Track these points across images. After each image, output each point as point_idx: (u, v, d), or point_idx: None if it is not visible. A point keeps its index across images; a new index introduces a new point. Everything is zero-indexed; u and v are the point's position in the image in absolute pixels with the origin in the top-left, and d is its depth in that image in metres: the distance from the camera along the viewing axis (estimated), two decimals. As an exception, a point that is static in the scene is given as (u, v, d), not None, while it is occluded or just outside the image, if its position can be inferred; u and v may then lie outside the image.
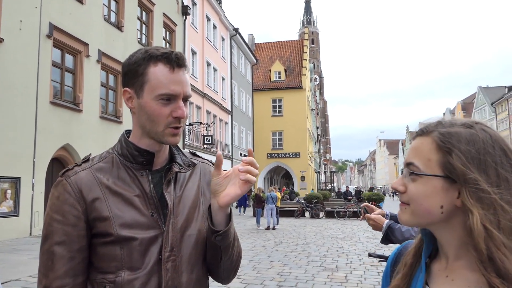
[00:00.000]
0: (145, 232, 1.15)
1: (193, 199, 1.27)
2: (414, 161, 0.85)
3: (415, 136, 0.90)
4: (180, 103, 1.18)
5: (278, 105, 42.93)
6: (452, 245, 0.84)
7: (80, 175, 1.17)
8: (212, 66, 29.03)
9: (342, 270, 8.16)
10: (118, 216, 1.14)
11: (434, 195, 0.81)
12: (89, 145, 14.64)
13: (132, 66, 1.19)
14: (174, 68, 1.17)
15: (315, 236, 13.85)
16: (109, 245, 1.13)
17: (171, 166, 1.26)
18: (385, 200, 24.62)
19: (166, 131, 1.18)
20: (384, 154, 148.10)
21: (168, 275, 1.15)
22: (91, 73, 14.97)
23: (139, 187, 1.19)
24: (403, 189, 0.87)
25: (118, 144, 1.27)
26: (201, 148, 25.93)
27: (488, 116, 58.73)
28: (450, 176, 0.80)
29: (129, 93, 1.21)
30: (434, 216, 0.82)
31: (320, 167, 64.47)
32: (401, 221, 0.89)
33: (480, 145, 0.80)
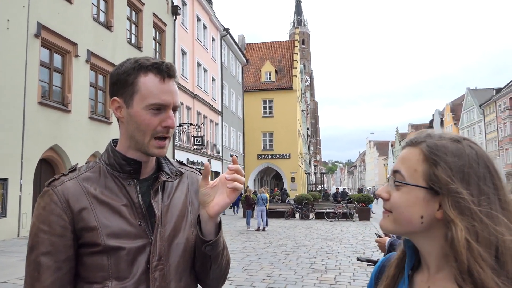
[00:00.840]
0: (133, 242, 1.15)
1: (180, 208, 1.28)
2: (401, 169, 0.87)
3: (404, 146, 0.92)
4: (170, 113, 1.19)
5: (269, 106, 42.97)
6: (433, 255, 0.86)
7: (66, 185, 1.16)
8: (202, 66, 28.97)
9: (331, 271, 8.20)
10: (105, 225, 1.13)
11: (415, 205, 0.83)
12: (78, 146, 14.52)
13: (122, 75, 1.19)
14: (164, 78, 1.18)
15: (304, 238, 13.89)
16: (96, 255, 1.13)
17: (159, 175, 1.26)
18: (374, 201, 24.74)
19: (151, 143, 1.18)
20: (374, 155, 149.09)
21: (156, 284, 1.15)
22: (80, 73, 14.85)
23: (126, 197, 1.19)
24: (387, 196, 0.89)
25: (105, 154, 1.26)
26: (191, 149, 25.86)
27: (477, 118, 59.44)
28: (433, 188, 0.82)
29: (118, 102, 1.21)
30: (414, 226, 0.84)
31: (311, 168, 64.67)
32: (382, 228, 0.91)
33: (465, 160, 0.82)
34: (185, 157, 24.86)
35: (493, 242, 0.76)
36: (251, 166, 41.95)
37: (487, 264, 0.75)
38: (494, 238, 0.76)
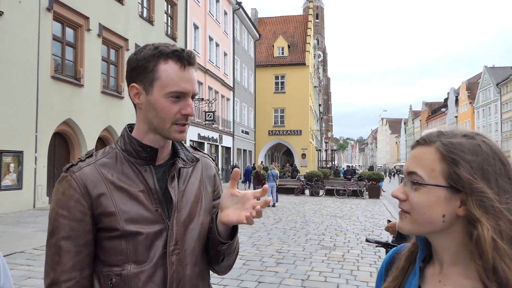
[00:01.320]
0: (150, 227, 1.18)
1: (195, 194, 1.30)
2: (417, 170, 0.86)
3: (416, 145, 0.91)
4: (189, 101, 1.20)
5: (281, 82, 42.60)
6: (449, 252, 0.87)
7: (84, 170, 1.18)
8: (214, 41, 28.71)
9: (340, 248, 8.29)
10: (123, 211, 1.16)
11: (437, 205, 0.83)
12: (91, 120, 14.67)
13: (141, 62, 1.19)
14: (185, 66, 1.18)
15: (314, 214, 14.01)
16: (115, 239, 1.16)
17: (175, 161, 1.28)
18: (384, 180, 24.69)
19: (172, 127, 1.19)
20: (386, 133, 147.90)
21: (173, 268, 1.19)
22: (92, 47, 14.85)
23: (143, 183, 1.21)
24: (404, 197, 0.88)
25: (121, 139, 1.27)
26: (203, 124, 25.94)
27: (493, 97, 58.29)
28: (455, 186, 0.82)
29: (136, 89, 1.21)
30: (436, 225, 0.84)
31: (322, 145, 64.55)
32: (401, 230, 0.91)
33: (483, 157, 0.82)
34: (197, 132, 24.97)
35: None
36: (262, 142, 42.00)
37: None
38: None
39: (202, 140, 25.91)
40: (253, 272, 6.29)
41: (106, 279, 1.17)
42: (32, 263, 6.34)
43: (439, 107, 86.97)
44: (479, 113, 63.47)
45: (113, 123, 15.86)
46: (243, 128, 36.62)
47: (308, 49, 43.87)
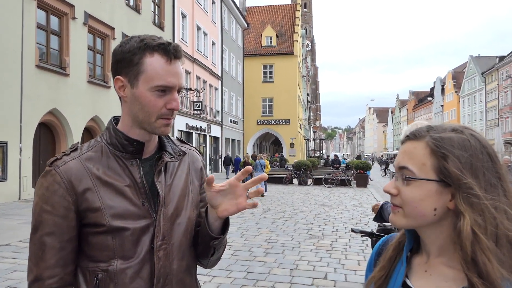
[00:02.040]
0: (137, 222, 1.17)
1: (182, 188, 1.29)
2: (408, 165, 0.87)
3: (406, 140, 0.92)
4: (175, 95, 1.17)
5: (269, 71, 42.51)
6: (436, 244, 0.88)
7: (69, 165, 1.16)
8: (202, 30, 28.44)
9: (328, 237, 8.37)
10: (109, 206, 1.14)
11: (428, 199, 0.84)
12: (77, 110, 14.48)
13: (127, 54, 1.16)
14: (171, 59, 1.16)
15: (302, 204, 14.10)
16: (101, 235, 1.15)
17: (162, 155, 1.26)
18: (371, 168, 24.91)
19: (158, 122, 1.18)
20: (374, 122, 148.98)
21: (160, 263, 1.18)
22: (77, 36, 14.59)
23: (129, 177, 1.19)
24: (395, 192, 0.89)
25: (106, 132, 1.25)
26: (191, 114, 25.79)
27: (478, 86, 58.96)
28: (445, 180, 0.83)
29: (121, 81, 1.19)
30: (427, 219, 0.85)
31: (310, 134, 64.77)
32: (394, 224, 0.92)
33: (471, 151, 0.83)
34: (185, 122, 24.84)
35: (501, 234, 0.78)
36: (250, 131, 41.99)
37: (494, 255, 0.77)
38: (502, 231, 0.79)
39: (190, 130, 25.79)
40: (242, 263, 6.32)
41: (92, 275, 1.15)
42: (18, 256, 6.28)
43: (425, 96, 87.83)
44: (464, 102, 64.21)
45: (100, 113, 15.67)
46: (231, 117, 36.52)
47: (296, 38, 43.77)
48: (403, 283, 0.92)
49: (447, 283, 0.85)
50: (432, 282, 0.88)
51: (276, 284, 5.31)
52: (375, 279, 0.97)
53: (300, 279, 5.56)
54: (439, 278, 0.87)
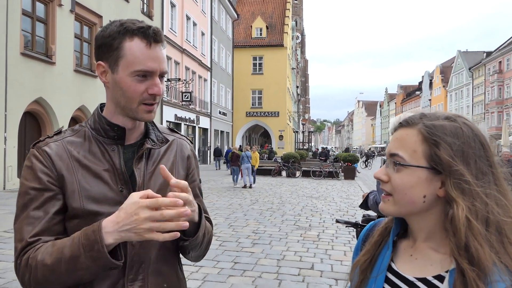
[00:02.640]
0: (113, 208, 1.13)
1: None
2: (399, 152, 0.87)
3: (398, 127, 0.91)
4: (156, 80, 1.15)
5: (259, 63, 42.38)
6: (424, 230, 0.88)
7: (51, 146, 1.16)
8: (191, 20, 28.18)
9: (315, 229, 8.43)
10: (85, 189, 1.13)
11: (419, 186, 0.84)
12: (63, 99, 14.28)
13: (106, 39, 1.15)
14: (151, 43, 1.14)
15: (290, 195, 14.16)
16: (75, 218, 1.13)
17: (144, 142, 1.25)
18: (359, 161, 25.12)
19: (140, 107, 1.16)
20: (362, 115, 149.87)
21: (133, 251, 1.15)
22: (64, 23, 14.34)
23: (109, 162, 1.18)
24: (386, 179, 0.89)
25: (92, 118, 1.25)
26: (180, 105, 25.63)
27: (465, 81, 59.57)
28: (436, 168, 0.83)
29: (103, 67, 1.18)
30: (416, 206, 0.85)
31: (299, 126, 64.92)
32: (384, 212, 0.92)
33: (464, 139, 0.83)
34: (173, 113, 24.69)
35: (492, 220, 0.79)
36: (239, 123, 41.93)
37: (485, 241, 0.78)
38: (493, 217, 0.79)
39: (178, 121, 25.65)
40: (229, 253, 6.33)
41: None
42: (3, 246, 6.20)
43: (413, 90, 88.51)
44: (451, 96, 64.87)
45: (87, 103, 15.48)
46: (220, 109, 36.40)
47: (287, 30, 43.64)
48: (389, 266, 0.93)
49: (432, 266, 0.86)
50: (417, 266, 0.88)
51: (263, 274, 5.33)
52: (360, 263, 0.97)
53: (287, 269, 5.59)
54: (425, 262, 0.87)
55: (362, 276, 0.96)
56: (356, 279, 0.97)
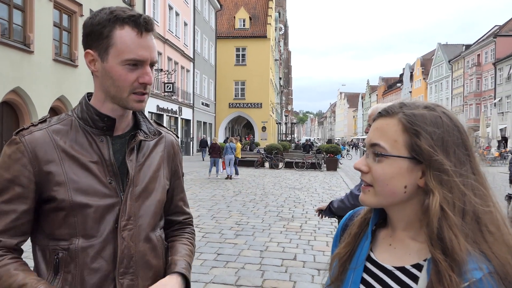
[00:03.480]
0: (101, 200, 1.13)
1: (154, 169, 1.26)
2: (380, 142, 0.86)
3: (378, 117, 0.90)
4: (147, 68, 1.14)
5: (242, 54, 42.16)
6: (403, 220, 0.88)
7: (35, 135, 1.12)
8: (174, 10, 27.81)
9: (298, 220, 8.50)
10: (73, 181, 1.11)
11: (400, 176, 0.84)
12: (42, 89, 13.96)
13: (96, 27, 1.12)
14: (142, 32, 1.12)
15: (273, 187, 14.22)
16: (62, 211, 1.11)
17: (136, 133, 1.23)
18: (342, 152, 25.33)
19: (130, 97, 1.15)
20: (344, 107, 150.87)
21: (124, 243, 1.14)
22: (42, 11, 13.96)
23: (97, 153, 1.16)
24: (366, 169, 0.88)
25: (79, 107, 1.22)
26: (162, 96, 25.37)
27: (445, 73, 60.44)
28: (416, 157, 0.82)
29: (91, 55, 1.15)
30: (397, 196, 0.85)
31: (282, 118, 65.04)
32: (364, 203, 0.91)
33: (443, 128, 0.83)
34: (155, 104, 24.42)
35: (470, 210, 0.79)
36: (222, 114, 41.76)
37: (461, 232, 0.78)
38: (471, 207, 0.79)
39: (161, 112, 25.39)
40: (212, 245, 6.34)
41: (52, 254, 1.12)
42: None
43: (394, 82, 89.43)
44: (431, 88, 65.79)
45: (66, 93, 15.16)
46: (203, 100, 36.17)
47: (270, 21, 43.46)
48: (368, 256, 0.93)
49: (410, 255, 0.86)
50: (396, 255, 0.88)
51: (246, 266, 5.36)
52: (340, 255, 0.97)
53: (269, 260, 5.63)
54: (403, 251, 0.87)
55: (341, 268, 0.96)
56: (336, 271, 0.97)
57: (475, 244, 0.78)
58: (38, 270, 1.14)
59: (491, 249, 0.77)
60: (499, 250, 0.77)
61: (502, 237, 0.79)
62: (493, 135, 31.47)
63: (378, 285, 0.88)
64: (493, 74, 46.37)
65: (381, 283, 0.87)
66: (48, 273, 1.12)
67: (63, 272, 1.11)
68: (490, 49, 47.53)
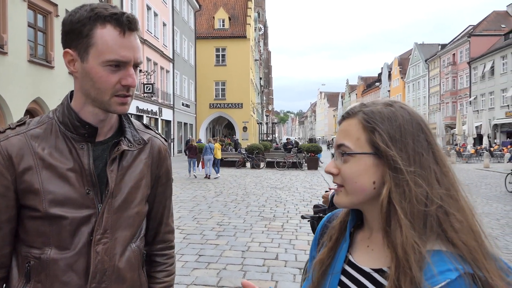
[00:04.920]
0: (77, 211, 1.08)
1: (136, 179, 1.20)
2: (345, 142, 0.88)
3: (342, 120, 0.92)
4: (130, 70, 1.08)
5: (222, 54, 42.07)
6: (377, 219, 0.89)
7: (11, 140, 1.07)
8: (152, 10, 27.54)
9: (279, 219, 8.52)
10: (49, 191, 1.06)
11: (366, 172, 0.85)
12: (17, 91, 13.63)
13: (75, 24, 1.05)
14: (125, 31, 1.06)
15: (255, 186, 14.23)
16: (36, 220, 1.07)
17: (119, 142, 1.16)
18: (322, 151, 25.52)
19: (113, 99, 1.08)
20: (325, 106, 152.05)
21: (97, 258, 1.10)
22: (16, 11, 13.64)
23: (76, 161, 1.10)
24: (336, 171, 0.89)
25: (60, 108, 1.15)
26: (141, 97, 25.10)
27: (422, 72, 61.55)
28: (377, 153, 0.84)
29: (71, 55, 1.08)
30: (368, 193, 0.86)
31: (263, 118, 65.14)
32: (338, 205, 0.92)
33: (399, 122, 0.84)
34: (135, 105, 24.15)
35: (433, 201, 0.80)
36: (203, 115, 41.57)
37: (408, 225, 0.79)
38: (435, 197, 0.80)
39: (140, 113, 25.11)
40: (193, 246, 6.31)
41: (24, 260, 1.08)
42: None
43: (373, 82, 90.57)
44: (409, 87, 66.91)
45: (42, 95, 14.85)
46: (183, 101, 35.93)
47: (249, 21, 43.48)
48: (347, 259, 0.93)
49: (387, 257, 0.86)
50: (374, 257, 0.89)
51: (227, 266, 5.35)
52: (322, 260, 0.97)
53: (251, 260, 5.64)
54: (380, 253, 0.88)
55: (322, 272, 0.96)
56: (316, 275, 0.97)
57: (441, 235, 0.79)
58: (11, 274, 1.11)
59: (458, 236, 0.78)
60: (465, 236, 0.79)
61: (468, 224, 0.80)
62: (469, 133, 32.18)
63: (355, 287, 0.88)
64: (468, 73, 47.47)
65: (359, 285, 0.88)
66: (19, 280, 1.09)
67: (34, 281, 1.07)
68: (464, 49, 48.62)
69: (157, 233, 1.34)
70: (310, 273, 1.00)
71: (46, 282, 1.06)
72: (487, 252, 0.79)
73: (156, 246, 1.35)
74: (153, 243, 1.34)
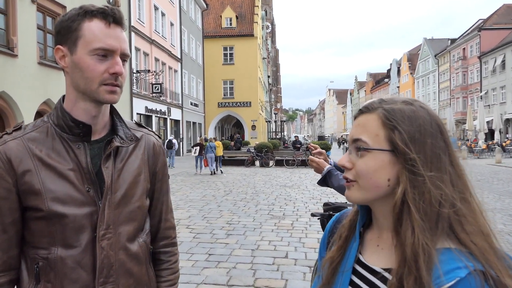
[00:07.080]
0: (79, 209, 1.11)
1: (134, 174, 1.23)
2: (362, 137, 0.87)
3: (359, 114, 0.92)
4: (117, 59, 1.12)
5: (229, 53, 42.10)
6: (388, 217, 0.88)
7: (9, 144, 1.09)
8: (160, 10, 27.65)
9: (289, 217, 8.51)
10: (50, 190, 1.08)
11: (382, 169, 0.84)
12: (27, 93, 13.79)
13: (65, 23, 1.12)
14: (110, 23, 1.11)
15: (264, 185, 14.22)
16: (40, 220, 1.09)
17: (112, 139, 1.20)
18: (332, 148, 25.43)
19: (101, 88, 1.11)
20: (333, 103, 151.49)
21: (103, 253, 1.12)
22: (25, 14, 13.78)
23: (74, 160, 1.13)
24: (350, 165, 0.89)
25: (54, 112, 1.19)
26: (150, 97, 25.22)
27: (431, 67, 60.99)
28: (395, 151, 0.84)
29: (62, 51, 1.13)
30: (381, 190, 0.85)
31: (271, 116, 65.08)
32: (349, 199, 0.91)
33: (419, 122, 0.84)
34: (144, 105, 24.27)
35: (446, 203, 0.79)
36: (211, 114, 41.67)
37: (421, 226, 0.78)
38: (448, 199, 0.80)
39: (149, 113, 25.24)
40: (203, 245, 6.32)
41: (32, 262, 1.10)
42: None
43: (382, 78, 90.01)
44: (419, 83, 66.35)
45: (52, 96, 14.99)
46: (192, 100, 36.04)
47: (256, 20, 43.45)
48: (357, 258, 0.92)
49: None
50: (384, 256, 0.88)
51: (237, 265, 5.35)
52: (332, 259, 0.96)
53: (261, 259, 5.63)
54: (390, 252, 0.87)
55: (332, 271, 0.95)
56: (326, 274, 0.96)
57: (452, 235, 0.79)
58: (21, 277, 1.13)
59: (470, 238, 0.78)
60: (477, 238, 0.78)
61: (479, 226, 0.80)
62: (480, 128, 31.80)
63: (367, 287, 0.88)
64: (479, 68, 46.90)
65: (370, 285, 0.87)
66: (30, 282, 1.11)
67: (44, 281, 1.09)
68: (475, 43, 48.05)
69: (158, 230, 1.37)
70: (321, 272, 1.00)
71: (56, 281, 1.09)
72: (498, 252, 0.79)
73: (159, 243, 1.37)
74: (155, 240, 1.36)
